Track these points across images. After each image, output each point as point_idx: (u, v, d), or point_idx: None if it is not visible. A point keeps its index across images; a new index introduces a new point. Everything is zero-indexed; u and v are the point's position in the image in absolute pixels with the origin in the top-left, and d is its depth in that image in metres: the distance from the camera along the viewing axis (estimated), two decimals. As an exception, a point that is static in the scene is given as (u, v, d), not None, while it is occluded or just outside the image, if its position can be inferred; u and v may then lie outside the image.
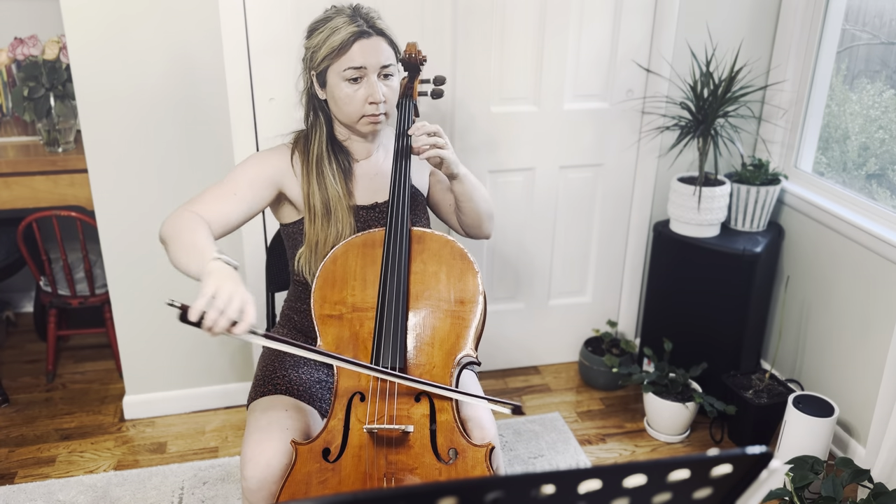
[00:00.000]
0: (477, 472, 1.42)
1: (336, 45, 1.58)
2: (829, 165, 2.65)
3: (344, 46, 1.58)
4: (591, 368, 2.82)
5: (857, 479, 1.96)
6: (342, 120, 1.68)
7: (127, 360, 2.61)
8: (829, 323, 2.50)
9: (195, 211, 1.58)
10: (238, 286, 1.33)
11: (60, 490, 2.29)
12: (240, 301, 1.31)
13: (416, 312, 1.55)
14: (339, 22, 1.59)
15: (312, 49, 1.63)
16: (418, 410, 1.47)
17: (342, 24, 1.59)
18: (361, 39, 1.58)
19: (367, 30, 1.59)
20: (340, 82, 1.60)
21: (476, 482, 0.62)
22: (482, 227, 1.84)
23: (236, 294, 1.31)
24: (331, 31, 1.59)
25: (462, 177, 1.71)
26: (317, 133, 1.70)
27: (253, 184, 1.65)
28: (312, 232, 1.66)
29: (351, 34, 1.58)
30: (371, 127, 1.67)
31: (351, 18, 1.60)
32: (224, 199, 1.62)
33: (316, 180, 1.66)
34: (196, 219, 1.55)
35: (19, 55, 2.81)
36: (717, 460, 0.65)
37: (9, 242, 2.90)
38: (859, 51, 2.52)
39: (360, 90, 1.61)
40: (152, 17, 2.23)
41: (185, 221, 1.53)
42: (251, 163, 1.69)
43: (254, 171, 1.66)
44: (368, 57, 1.59)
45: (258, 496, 1.51)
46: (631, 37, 2.59)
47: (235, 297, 1.31)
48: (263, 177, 1.67)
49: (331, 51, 1.59)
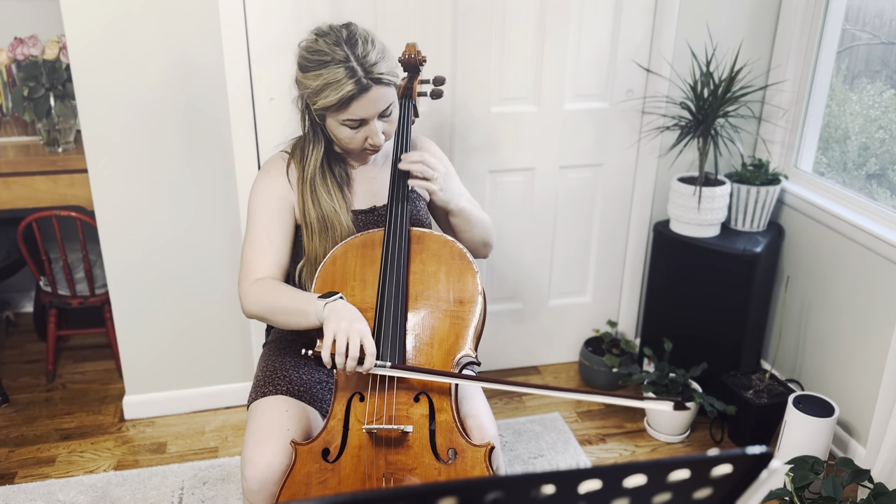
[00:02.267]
0: (476, 472, 1.42)
1: (333, 103, 1.52)
2: (829, 165, 2.65)
3: (342, 105, 1.53)
4: (592, 368, 2.82)
5: (858, 479, 1.96)
6: (341, 149, 1.69)
7: (127, 360, 2.61)
8: (829, 323, 2.50)
9: (254, 279, 1.61)
10: (353, 322, 1.41)
11: (60, 490, 2.29)
12: (357, 337, 1.40)
13: (415, 312, 1.55)
14: (336, 74, 1.50)
15: (308, 91, 1.55)
16: (417, 410, 1.47)
17: (340, 78, 1.50)
18: (360, 96, 1.52)
19: (365, 84, 1.51)
20: (339, 125, 1.58)
21: (476, 482, 0.62)
22: (477, 252, 1.80)
23: (352, 332, 1.40)
24: (326, 82, 1.51)
25: (458, 212, 1.69)
26: (315, 149, 1.67)
27: (276, 221, 1.66)
28: (311, 247, 1.66)
29: (349, 93, 1.50)
30: (370, 155, 1.68)
31: (347, 70, 1.50)
32: (267, 254, 1.64)
33: (310, 197, 1.66)
34: (267, 283, 1.58)
35: (19, 55, 2.81)
36: (717, 460, 0.65)
37: (9, 242, 2.90)
38: (859, 51, 2.52)
39: (359, 133, 1.59)
40: (152, 17, 2.23)
41: (263, 292, 1.57)
42: (260, 199, 1.67)
43: (269, 209, 1.66)
44: (368, 110, 1.55)
45: (258, 496, 1.51)
46: (631, 37, 2.59)
47: (353, 336, 1.40)
48: (277, 208, 1.66)
49: (328, 107, 1.54)
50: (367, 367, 1.40)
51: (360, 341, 1.39)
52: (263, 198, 1.67)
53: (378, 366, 1.42)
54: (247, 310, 1.60)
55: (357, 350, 1.39)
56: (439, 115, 2.52)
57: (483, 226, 1.77)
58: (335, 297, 1.47)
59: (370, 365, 1.41)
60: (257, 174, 1.74)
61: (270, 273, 1.62)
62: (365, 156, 1.70)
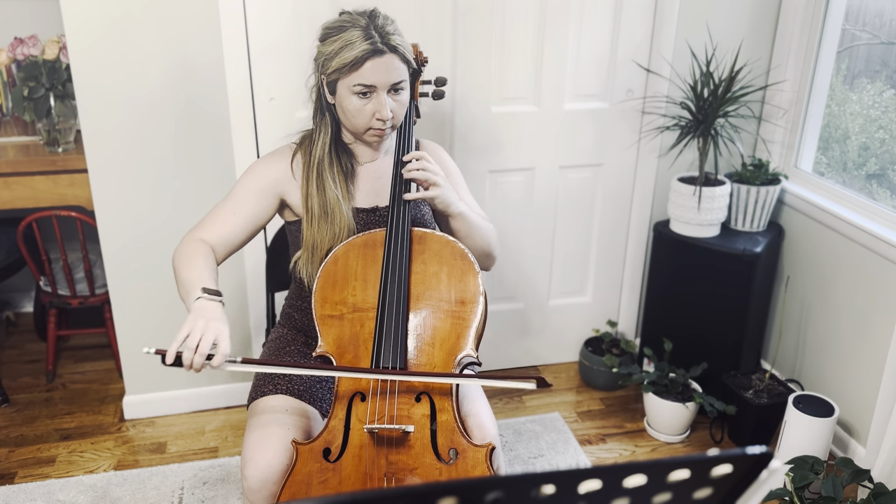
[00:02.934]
0: (477, 472, 1.42)
1: (348, 61, 1.54)
2: (829, 165, 2.65)
3: (356, 64, 1.55)
4: (591, 368, 2.82)
5: (858, 479, 1.96)
6: (348, 129, 1.67)
7: (127, 360, 2.61)
8: (829, 323, 2.50)
9: (198, 237, 1.61)
10: (211, 321, 1.39)
11: (60, 490, 2.29)
12: (212, 335, 1.37)
13: (416, 313, 1.55)
14: (353, 35, 1.54)
15: (324, 57, 1.59)
16: (419, 410, 1.47)
17: (356, 39, 1.54)
18: (374, 58, 1.54)
19: (380, 47, 1.54)
20: (350, 95, 1.59)
21: (476, 482, 0.62)
22: (480, 262, 1.77)
23: (208, 330, 1.37)
24: (344, 43, 1.55)
25: (458, 216, 1.68)
26: (321, 134, 1.68)
27: (252, 199, 1.66)
28: (310, 234, 1.66)
29: (364, 52, 1.53)
30: (376, 139, 1.66)
31: (365, 33, 1.54)
32: (224, 221, 1.64)
33: (315, 183, 1.65)
34: (196, 248, 1.58)
35: (19, 55, 2.81)
36: (717, 460, 0.65)
37: (9, 242, 2.90)
38: (859, 51, 2.52)
39: (368, 105, 1.59)
40: (152, 18, 2.23)
41: (185, 253, 1.57)
42: (250, 176, 1.68)
43: (253, 185, 1.67)
44: (380, 76, 1.56)
45: (259, 496, 1.51)
46: (631, 37, 2.59)
47: (208, 333, 1.37)
48: (262, 189, 1.67)
49: (342, 65, 1.55)
50: (214, 363, 1.37)
51: (212, 340, 1.37)
52: (254, 175, 1.68)
53: (229, 362, 1.39)
54: (172, 259, 1.60)
55: (207, 347, 1.35)
56: (440, 115, 2.52)
57: (484, 234, 1.75)
58: (210, 297, 1.45)
59: (218, 362, 1.37)
60: (261, 157, 1.74)
61: (216, 242, 1.62)
62: (371, 141, 1.68)
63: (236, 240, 1.66)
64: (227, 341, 1.39)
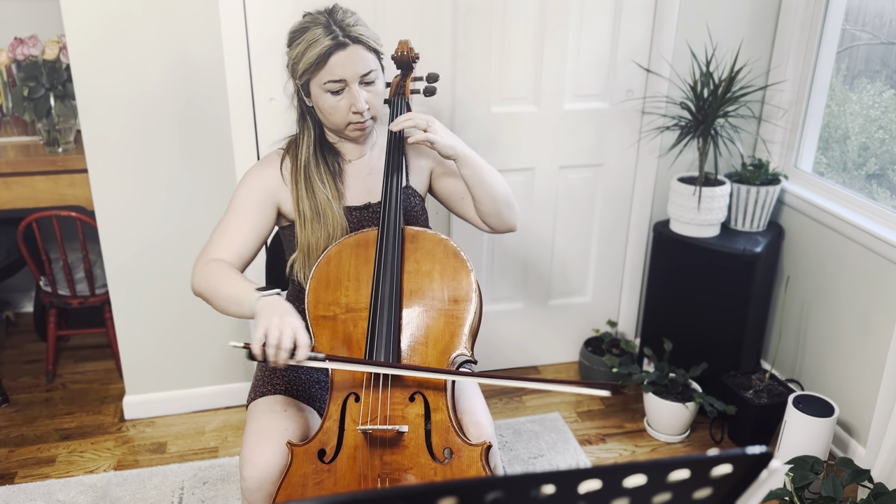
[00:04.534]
0: (472, 471, 1.42)
1: (313, 59, 1.55)
2: (829, 165, 2.65)
3: (321, 61, 1.55)
4: (591, 368, 2.82)
5: (857, 479, 1.96)
6: (329, 128, 1.68)
7: (127, 360, 2.61)
8: (829, 323, 2.50)
9: (213, 258, 1.61)
10: (285, 316, 1.40)
11: (60, 490, 2.29)
12: (291, 331, 1.38)
13: (409, 311, 1.54)
14: (315, 34, 1.55)
15: (293, 60, 1.60)
16: (413, 410, 1.47)
17: (319, 37, 1.55)
18: (338, 52, 1.55)
19: (342, 40, 1.55)
20: (323, 93, 1.59)
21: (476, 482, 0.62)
22: (501, 214, 1.75)
23: (286, 326, 1.38)
24: (308, 43, 1.56)
25: (464, 157, 1.66)
26: (305, 137, 1.69)
27: (253, 212, 1.66)
28: (304, 236, 1.66)
29: (326, 48, 1.54)
30: (358, 133, 1.66)
31: (326, 29, 1.55)
32: (233, 239, 1.64)
33: (304, 186, 1.65)
34: (219, 266, 1.58)
35: (19, 55, 2.81)
36: (717, 460, 0.65)
37: (9, 242, 2.90)
38: (859, 51, 2.52)
39: (342, 100, 1.59)
40: (152, 18, 2.23)
41: (211, 273, 1.56)
42: (245, 188, 1.68)
43: (250, 198, 1.66)
44: (346, 69, 1.56)
45: (257, 496, 1.51)
46: (631, 37, 2.59)
47: (286, 329, 1.38)
48: (261, 200, 1.66)
49: (309, 65, 1.56)
50: (299, 357, 1.38)
51: (293, 335, 1.38)
52: (249, 187, 1.68)
53: (311, 358, 1.40)
54: (194, 287, 1.59)
55: (289, 342, 1.37)
56: (439, 115, 2.52)
57: (497, 178, 1.72)
58: (271, 292, 1.46)
59: (303, 356, 1.38)
60: (251, 167, 1.74)
61: (229, 259, 1.62)
62: (354, 136, 1.67)
63: (248, 254, 1.66)
64: (305, 333, 1.40)
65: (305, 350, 1.39)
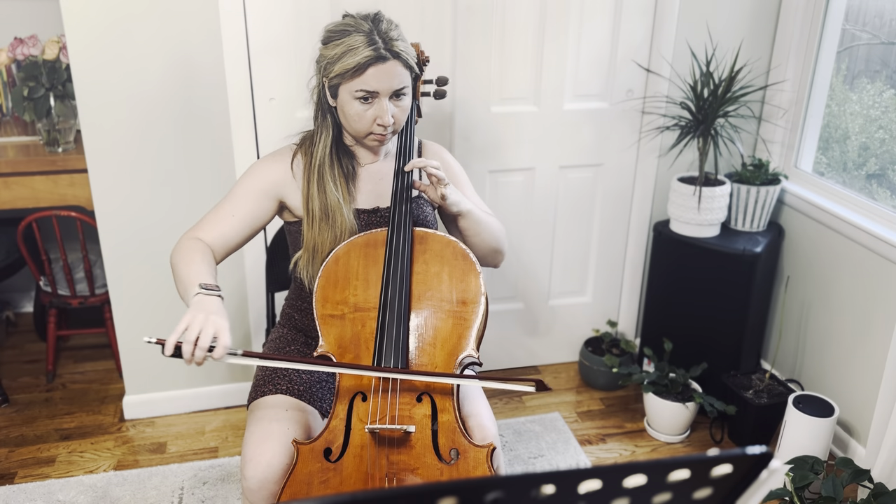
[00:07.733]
0: (478, 472, 1.42)
1: (350, 67, 1.53)
2: (829, 165, 2.65)
3: (358, 70, 1.54)
4: (592, 368, 2.82)
5: (857, 479, 1.96)
6: (349, 132, 1.67)
7: (127, 360, 2.61)
8: (829, 323, 2.50)
9: (196, 236, 1.61)
10: (210, 315, 1.38)
11: (60, 490, 2.29)
12: (212, 328, 1.36)
13: (417, 313, 1.54)
14: (356, 40, 1.53)
15: (327, 60, 1.57)
16: (420, 411, 1.47)
17: (359, 45, 1.52)
18: (377, 64, 1.53)
19: (384, 54, 1.53)
20: (351, 100, 1.58)
21: (476, 482, 0.62)
22: (488, 259, 1.77)
23: (208, 322, 1.37)
24: (347, 48, 1.53)
25: (468, 214, 1.67)
26: (322, 136, 1.68)
27: (250, 201, 1.66)
28: (311, 236, 1.65)
29: (366, 59, 1.52)
30: (377, 144, 1.66)
31: (368, 38, 1.53)
32: (223, 221, 1.64)
33: (316, 185, 1.65)
34: (194, 246, 1.58)
35: (19, 55, 2.81)
36: (717, 460, 0.65)
37: (9, 242, 2.90)
38: (859, 51, 2.52)
39: (370, 110, 1.59)
40: (152, 18, 2.23)
41: (184, 250, 1.57)
42: (250, 177, 1.68)
43: (252, 187, 1.66)
44: (382, 83, 1.55)
45: (258, 496, 1.51)
46: (631, 37, 2.59)
47: (207, 326, 1.36)
48: (261, 191, 1.66)
49: (344, 70, 1.54)
50: (217, 355, 1.36)
51: (213, 334, 1.35)
52: (254, 176, 1.68)
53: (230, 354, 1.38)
54: (170, 257, 1.60)
55: (207, 341, 1.34)
56: (440, 115, 2.52)
57: (492, 231, 1.74)
58: (213, 292, 1.45)
59: (220, 354, 1.36)
60: (262, 157, 1.74)
61: (213, 242, 1.62)
62: (372, 145, 1.68)
63: (234, 241, 1.65)
64: (228, 334, 1.38)
65: (223, 350, 1.36)
